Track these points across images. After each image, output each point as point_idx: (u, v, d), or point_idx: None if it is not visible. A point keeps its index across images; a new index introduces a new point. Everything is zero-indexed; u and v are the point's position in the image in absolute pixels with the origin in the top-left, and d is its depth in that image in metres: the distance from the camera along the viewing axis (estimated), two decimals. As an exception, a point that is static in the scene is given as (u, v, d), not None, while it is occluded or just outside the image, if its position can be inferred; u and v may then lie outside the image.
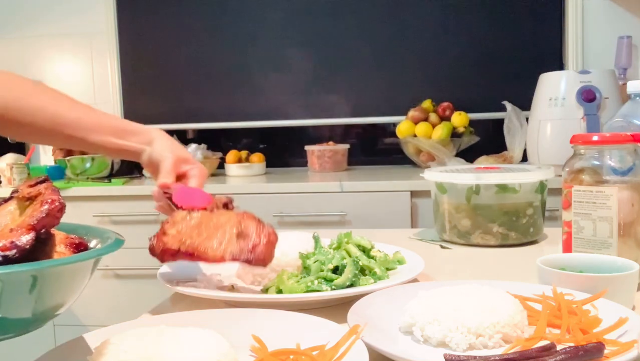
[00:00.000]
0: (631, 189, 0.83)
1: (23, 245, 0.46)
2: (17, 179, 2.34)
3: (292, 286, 0.80)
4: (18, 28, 2.90)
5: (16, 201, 0.56)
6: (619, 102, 1.91)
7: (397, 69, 2.67)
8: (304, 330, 0.61)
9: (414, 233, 1.33)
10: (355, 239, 0.92)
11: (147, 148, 0.88)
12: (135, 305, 2.23)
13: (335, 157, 2.56)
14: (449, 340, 0.59)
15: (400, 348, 0.61)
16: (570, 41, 2.51)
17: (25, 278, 0.45)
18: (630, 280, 0.71)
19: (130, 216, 2.24)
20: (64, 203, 0.51)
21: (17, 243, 0.46)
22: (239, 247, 0.74)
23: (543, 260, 0.77)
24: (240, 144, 2.89)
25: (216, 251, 0.74)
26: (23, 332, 0.48)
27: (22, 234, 0.47)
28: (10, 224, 0.50)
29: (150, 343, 0.51)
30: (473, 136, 2.47)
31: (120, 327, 0.64)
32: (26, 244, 0.46)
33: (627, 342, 0.54)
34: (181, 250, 0.75)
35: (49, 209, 0.49)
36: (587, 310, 0.64)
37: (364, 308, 0.68)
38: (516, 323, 0.60)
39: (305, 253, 0.87)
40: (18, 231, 0.47)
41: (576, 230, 0.87)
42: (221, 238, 0.76)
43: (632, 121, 0.94)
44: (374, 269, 0.84)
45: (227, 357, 0.51)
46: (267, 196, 2.15)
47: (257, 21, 2.75)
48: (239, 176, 2.53)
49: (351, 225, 2.08)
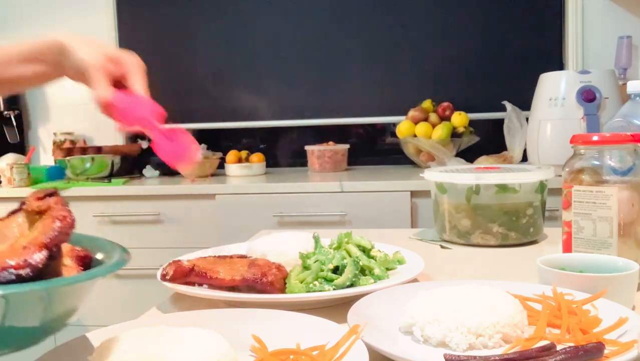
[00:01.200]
0: (631, 189, 0.83)
1: (36, 264, 0.46)
2: (17, 180, 2.34)
3: (292, 286, 0.80)
4: (18, 29, 2.89)
5: (24, 214, 0.56)
6: (619, 102, 1.91)
7: (397, 69, 2.67)
8: (304, 330, 0.61)
9: (414, 233, 1.33)
10: (355, 239, 0.92)
11: (65, 61, 0.75)
12: (135, 305, 2.23)
13: (335, 157, 2.56)
14: (449, 340, 0.59)
15: (400, 348, 0.61)
16: (570, 41, 2.51)
17: (38, 296, 0.45)
18: (630, 280, 0.71)
19: (130, 216, 2.24)
20: (74, 218, 0.51)
21: (30, 261, 0.46)
22: (251, 272, 0.80)
23: (543, 260, 0.77)
24: (240, 144, 2.89)
25: (227, 275, 0.80)
26: (29, 346, 0.49)
27: (34, 252, 0.47)
28: (21, 239, 0.50)
29: (150, 343, 0.51)
30: (473, 136, 2.47)
31: (120, 327, 0.64)
32: (39, 263, 0.46)
33: (627, 342, 0.54)
34: (194, 270, 0.82)
35: (61, 226, 0.49)
36: (587, 310, 0.64)
37: (364, 308, 0.68)
38: (516, 323, 0.60)
39: (305, 253, 0.87)
40: (30, 249, 0.47)
41: (576, 230, 0.87)
42: (234, 266, 0.84)
43: (632, 121, 0.94)
44: (374, 269, 0.84)
45: (227, 357, 0.51)
46: (267, 196, 2.15)
47: (257, 21, 2.75)
48: (239, 176, 2.53)
49: (351, 225, 2.08)
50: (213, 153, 2.62)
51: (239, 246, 1.06)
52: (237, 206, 2.17)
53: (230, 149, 2.65)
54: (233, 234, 2.02)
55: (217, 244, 1.26)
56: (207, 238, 2.16)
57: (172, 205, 2.22)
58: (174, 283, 0.82)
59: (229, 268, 0.83)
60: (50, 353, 0.59)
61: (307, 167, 2.65)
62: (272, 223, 2.13)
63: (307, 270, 0.84)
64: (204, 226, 2.20)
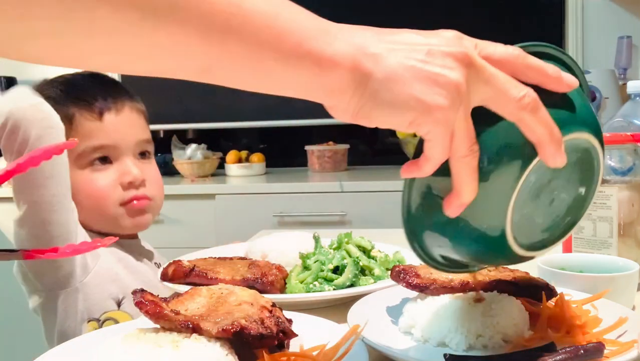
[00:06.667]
0: (631, 189, 0.83)
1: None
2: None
3: (292, 286, 0.80)
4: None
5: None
6: (619, 102, 1.91)
7: (397, 69, 2.66)
8: (304, 330, 0.61)
9: (414, 233, 1.32)
10: (355, 240, 0.92)
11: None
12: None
13: (335, 157, 2.56)
14: (449, 340, 0.59)
15: (400, 348, 0.61)
16: (570, 41, 2.51)
17: None
18: (630, 280, 0.71)
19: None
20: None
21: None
22: (251, 272, 0.81)
23: (543, 260, 0.77)
24: (240, 144, 2.89)
25: (228, 275, 0.80)
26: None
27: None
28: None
29: (150, 343, 0.51)
30: (473, 136, 2.47)
31: (120, 327, 0.64)
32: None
33: (627, 342, 0.54)
34: (195, 270, 0.81)
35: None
36: (587, 310, 0.64)
37: (364, 308, 0.68)
38: (516, 323, 0.60)
39: (305, 253, 0.87)
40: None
41: (576, 230, 0.87)
42: (234, 267, 0.84)
43: (632, 121, 0.94)
44: (374, 269, 0.84)
45: (226, 357, 0.51)
46: (267, 196, 2.15)
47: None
48: (239, 176, 2.52)
49: (351, 225, 2.08)
50: (213, 153, 2.62)
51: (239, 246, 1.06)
52: (237, 206, 2.17)
53: (230, 149, 2.65)
54: (233, 234, 2.02)
55: (217, 244, 1.26)
56: (207, 238, 2.16)
57: (172, 205, 2.22)
58: (174, 283, 0.82)
59: (230, 269, 0.83)
60: (51, 352, 0.59)
61: (307, 167, 2.65)
62: (272, 223, 2.12)
63: (307, 270, 0.84)
64: (204, 226, 2.20)
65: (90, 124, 0.94)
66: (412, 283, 0.65)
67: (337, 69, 0.41)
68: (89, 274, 0.90)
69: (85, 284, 0.90)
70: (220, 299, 0.59)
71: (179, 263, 0.84)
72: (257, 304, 0.59)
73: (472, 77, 0.41)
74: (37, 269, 0.88)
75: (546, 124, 0.43)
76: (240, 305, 0.57)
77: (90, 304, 0.90)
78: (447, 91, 0.40)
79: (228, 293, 0.61)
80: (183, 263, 0.84)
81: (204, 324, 0.52)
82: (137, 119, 1.01)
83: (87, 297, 0.90)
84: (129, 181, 0.96)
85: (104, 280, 0.93)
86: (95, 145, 0.95)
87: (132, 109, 1.00)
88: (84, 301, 0.90)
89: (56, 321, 0.90)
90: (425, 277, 0.65)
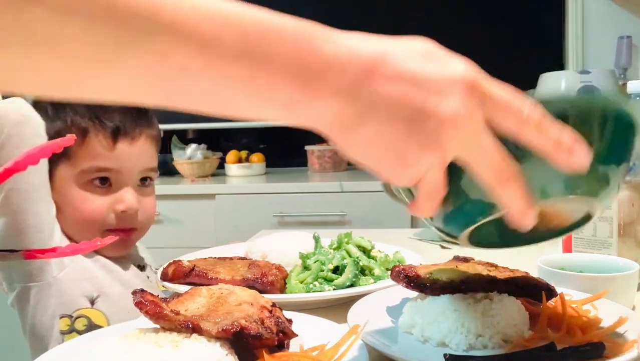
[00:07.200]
0: (631, 189, 0.83)
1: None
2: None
3: (292, 286, 0.80)
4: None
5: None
6: (619, 102, 1.91)
7: (397, 69, 2.66)
8: (304, 330, 0.61)
9: (414, 233, 1.33)
10: (355, 240, 0.92)
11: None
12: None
13: (335, 157, 2.56)
14: (449, 340, 0.59)
15: (400, 348, 0.61)
16: (570, 41, 2.51)
17: None
18: (630, 280, 0.71)
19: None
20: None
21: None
22: (251, 272, 0.81)
23: (543, 260, 0.77)
24: (240, 144, 2.89)
25: (228, 275, 0.81)
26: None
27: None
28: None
29: (150, 343, 0.51)
30: (473, 136, 2.47)
31: (121, 327, 0.64)
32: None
33: (627, 342, 0.54)
34: (195, 270, 0.82)
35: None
36: (587, 310, 0.64)
37: (364, 308, 0.68)
38: (516, 323, 0.60)
39: (305, 253, 0.87)
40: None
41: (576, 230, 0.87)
42: (234, 267, 0.85)
43: (632, 121, 0.94)
44: (374, 269, 0.85)
45: (226, 357, 0.51)
46: (267, 196, 2.15)
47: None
48: (239, 176, 2.53)
49: (351, 225, 2.08)
50: (213, 153, 2.62)
51: (239, 246, 1.06)
52: (237, 206, 2.17)
53: (230, 149, 2.65)
54: (233, 234, 2.02)
55: (217, 244, 1.26)
56: (207, 238, 2.16)
57: (172, 205, 2.22)
58: (174, 283, 0.82)
59: (230, 269, 0.83)
60: (50, 353, 0.59)
61: (307, 167, 2.65)
62: (272, 223, 2.12)
63: (307, 270, 0.84)
64: (204, 226, 2.20)
65: (101, 146, 0.92)
66: (412, 283, 0.65)
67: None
68: (63, 270, 0.90)
69: (60, 279, 0.89)
70: (220, 300, 0.59)
71: (179, 263, 0.84)
72: (257, 304, 0.59)
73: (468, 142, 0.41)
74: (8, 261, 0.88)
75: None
76: (240, 305, 0.58)
77: (64, 300, 0.90)
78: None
79: (228, 293, 0.61)
80: (183, 263, 0.84)
81: (204, 324, 0.52)
82: (149, 148, 0.99)
83: (61, 293, 0.89)
84: (122, 210, 0.94)
85: (79, 277, 0.92)
86: (100, 166, 0.93)
87: (147, 138, 0.97)
88: (57, 297, 0.89)
89: (28, 314, 0.90)
90: (425, 277, 0.65)
